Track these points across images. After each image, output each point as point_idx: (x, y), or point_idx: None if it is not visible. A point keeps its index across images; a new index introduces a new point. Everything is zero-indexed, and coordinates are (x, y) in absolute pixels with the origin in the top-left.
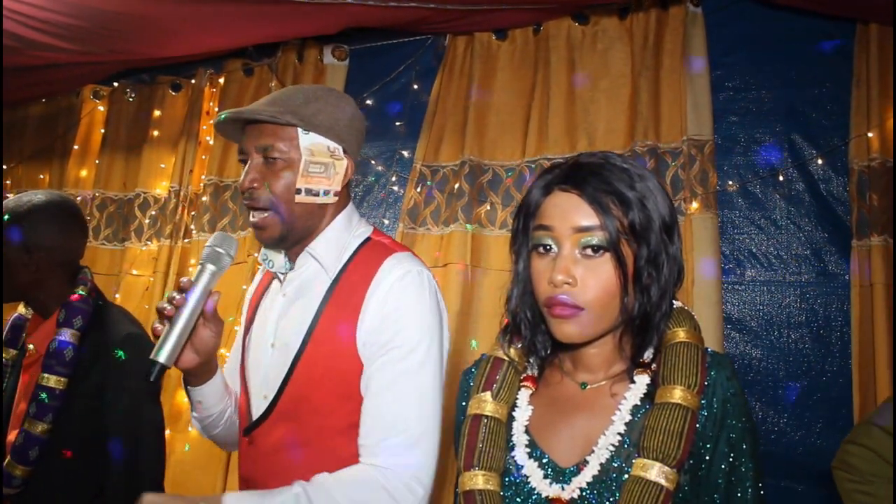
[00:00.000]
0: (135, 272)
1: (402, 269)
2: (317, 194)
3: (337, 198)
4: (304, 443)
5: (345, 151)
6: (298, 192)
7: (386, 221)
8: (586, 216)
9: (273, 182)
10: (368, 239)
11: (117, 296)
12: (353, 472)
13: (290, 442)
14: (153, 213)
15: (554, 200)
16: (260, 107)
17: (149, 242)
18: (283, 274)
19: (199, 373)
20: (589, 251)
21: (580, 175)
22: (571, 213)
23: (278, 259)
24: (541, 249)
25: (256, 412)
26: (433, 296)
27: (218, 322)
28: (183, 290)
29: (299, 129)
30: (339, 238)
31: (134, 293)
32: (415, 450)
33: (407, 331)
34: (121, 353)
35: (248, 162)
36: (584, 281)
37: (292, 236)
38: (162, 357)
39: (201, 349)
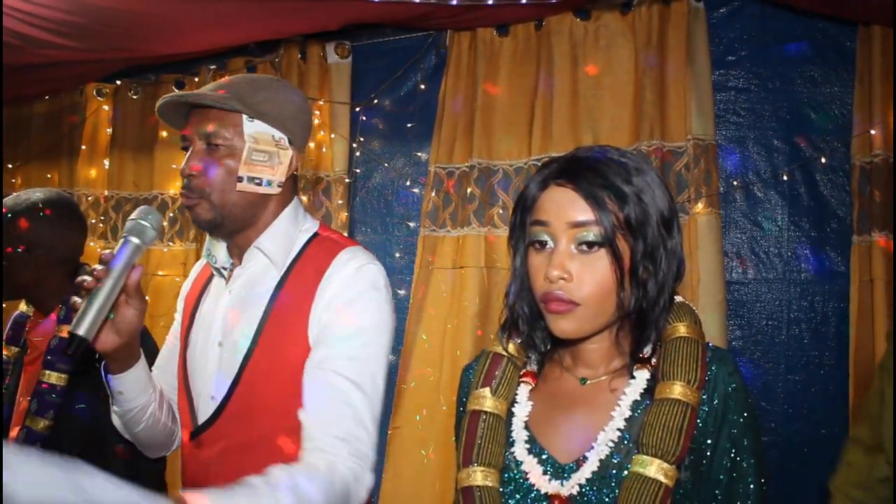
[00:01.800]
0: (161, 273)
1: (357, 263)
2: (259, 183)
3: (280, 189)
4: (255, 444)
5: (290, 142)
6: (240, 179)
7: (410, 224)
8: (582, 211)
9: (213, 169)
10: (316, 234)
11: (147, 297)
12: (314, 464)
13: (240, 444)
14: (171, 214)
15: (550, 195)
16: (206, 92)
17: (170, 243)
18: (225, 269)
19: (121, 357)
20: (584, 246)
21: (576, 169)
22: (567, 208)
23: (220, 253)
24: (537, 245)
25: (203, 415)
26: (385, 289)
27: (141, 300)
28: (104, 262)
29: (244, 117)
30: (287, 233)
31: (163, 293)
32: (361, 438)
33: (359, 325)
34: None
35: (191, 148)
36: (580, 276)
37: (228, 224)
38: (81, 329)
39: (124, 329)
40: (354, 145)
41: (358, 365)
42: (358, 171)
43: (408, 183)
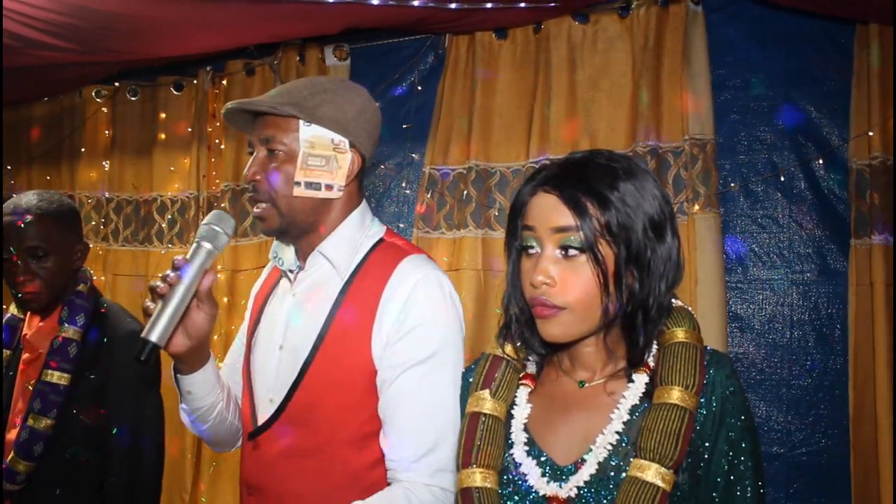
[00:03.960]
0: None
1: (419, 275)
2: (318, 188)
3: (341, 193)
4: (311, 451)
5: (352, 145)
6: (298, 184)
7: (401, 225)
8: (563, 217)
9: (273, 175)
10: (382, 240)
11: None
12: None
13: (296, 449)
14: (170, 216)
15: (537, 201)
16: (265, 98)
17: (170, 245)
18: (291, 272)
19: (191, 360)
20: (568, 252)
21: (562, 175)
22: (550, 214)
23: (288, 256)
24: (527, 250)
25: (262, 416)
26: (452, 301)
27: (213, 305)
28: (177, 267)
29: (301, 121)
30: (352, 238)
31: None
32: (442, 459)
33: (431, 344)
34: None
35: (254, 154)
36: (564, 281)
37: (294, 229)
38: (154, 336)
39: (194, 333)
40: None
41: (433, 389)
42: None
43: (403, 184)
